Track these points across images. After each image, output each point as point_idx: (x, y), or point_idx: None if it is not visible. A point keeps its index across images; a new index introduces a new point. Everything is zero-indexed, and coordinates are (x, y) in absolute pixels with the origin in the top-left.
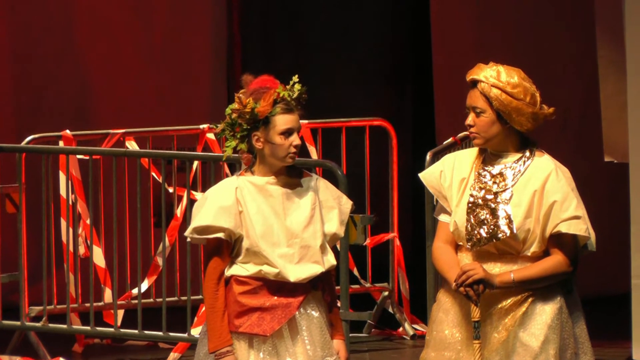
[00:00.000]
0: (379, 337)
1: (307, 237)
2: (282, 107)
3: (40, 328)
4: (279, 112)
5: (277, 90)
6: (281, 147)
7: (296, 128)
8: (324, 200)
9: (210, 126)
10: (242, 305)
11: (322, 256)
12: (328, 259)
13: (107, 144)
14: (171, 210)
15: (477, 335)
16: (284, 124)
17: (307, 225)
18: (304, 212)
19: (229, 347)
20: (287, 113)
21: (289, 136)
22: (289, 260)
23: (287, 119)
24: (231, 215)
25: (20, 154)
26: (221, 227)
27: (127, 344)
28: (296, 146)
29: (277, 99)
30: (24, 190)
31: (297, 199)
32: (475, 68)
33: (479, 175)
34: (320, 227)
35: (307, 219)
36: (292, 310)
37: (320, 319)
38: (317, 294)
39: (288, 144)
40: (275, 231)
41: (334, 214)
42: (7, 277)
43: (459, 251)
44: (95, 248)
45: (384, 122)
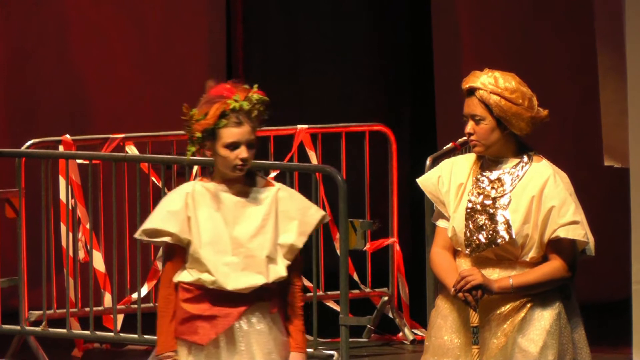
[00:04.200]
0: (378, 342)
1: (253, 247)
2: (230, 120)
3: (39, 333)
4: (226, 124)
5: (228, 102)
6: (226, 159)
7: (244, 141)
8: (283, 211)
9: None
10: (185, 312)
11: (267, 267)
12: (276, 270)
13: (107, 149)
14: None
15: (476, 340)
16: (229, 137)
17: (254, 235)
18: (253, 222)
19: (172, 352)
20: (234, 126)
21: (234, 149)
22: (233, 269)
23: (233, 132)
24: (178, 220)
25: (20, 159)
26: (168, 232)
27: (126, 348)
28: (243, 159)
29: (227, 111)
30: (23, 195)
31: (250, 209)
32: (471, 76)
33: (477, 180)
34: (272, 237)
35: (256, 229)
36: (230, 320)
37: (266, 331)
38: (263, 305)
39: (233, 156)
40: (223, 239)
41: (293, 225)
42: (6, 282)
43: (457, 257)
44: (95, 253)
45: (383, 128)
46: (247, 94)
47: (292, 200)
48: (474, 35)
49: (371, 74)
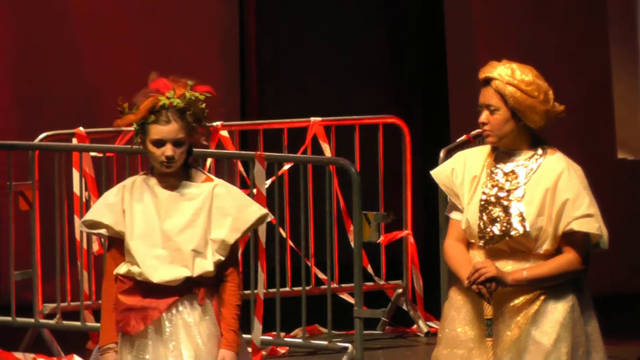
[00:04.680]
0: (392, 335)
1: (180, 240)
2: (159, 117)
3: (53, 325)
4: (154, 120)
5: (160, 98)
6: (153, 155)
7: (170, 139)
8: (219, 207)
9: (223, 124)
10: (121, 304)
11: (193, 261)
12: (203, 264)
13: (121, 142)
14: None
15: (490, 333)
16: (155, 134)
17: (183, 229)
18: (183, 216)
19: (112, 344)
20: (161, 124)
21: (160, 146)
22: (161, 262)
23: (159, 129)
24: (113, 213)
25: (34, 152)
26: (103, 224)
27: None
28: (168, 157)
29: (156, 107)
30: (37, 187)
31: (183, 203)
32: (488, 66)
33: (491, 173)
34: (201, 232)
35: (186, 223)
36: (158, 313)
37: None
38: (193, 297)
39: (159, 153)
40: (154, 232)
41: (227, 222)
42: (20, 275)
43: (470, 249)
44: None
45: (397, 120)
46: (184, 91)
47: (229, 197)
48: (487, 27)
49: (385, 66)
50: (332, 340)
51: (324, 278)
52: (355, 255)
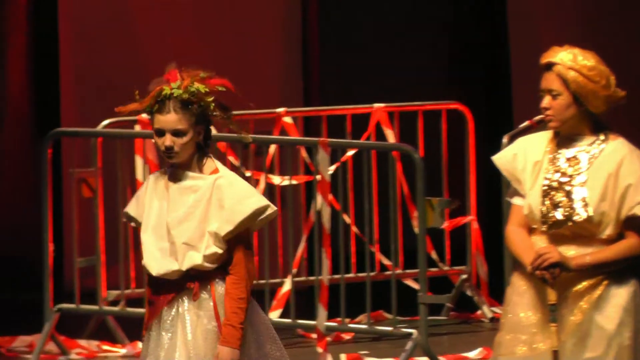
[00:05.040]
0: (457, 320)
1: (176, 233)
2: (161, 107)
3: (117, 312)
4: (156, 110)
5: (164, 88)
6: (156, 145)
7: (169, 129)
8: (218, 199)
9: (287, 110)
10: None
11: (184, 254)
12: (192, 258)
13: None
14: None
15: (554, 318)
16: (156, 123)
17: (181, 221)
18: (182, 209)
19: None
20: (162, 113)
21: (160, 136)
22: (163, 254)
23: (159, 119)
24: (138, 205)
25: (96, 139)
26: (130, 215)
27: None
28: (166, 147)
29: (161, 97)
30: (100, 174)
31: (186, 195)
32: (550, 51)
33: (553, 158)
34: (196, 225)
35: (183, 215)
36: (159, 307)
37: (192, 319)
38: (190, 292)
39: (160, 143)
40: (162, 225)
41: (222, 214)
42: (84, 262)
43: (532, 234)
44: None
45: (460, 106)
46: (189, 83)
47: (230, 189)
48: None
49: (448, 52)
50: (397, 326)
51: (388, 264)
52: (419, 241)
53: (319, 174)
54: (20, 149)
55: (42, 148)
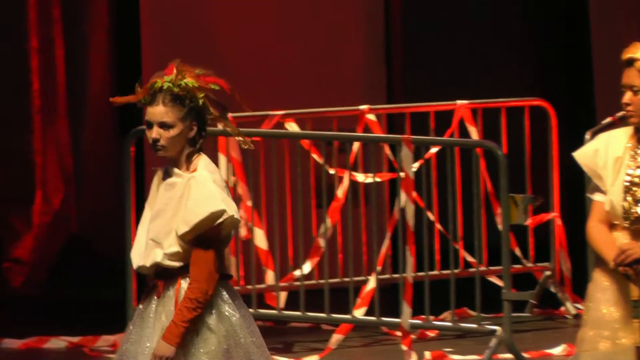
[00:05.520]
0: (540, 317)
1: (150, 229)
2: (151, 99)
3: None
4: (148, 102)
5: (157, 80)
6: (147, 137)
7: (155, 121)
8: (186, 199)
9: (370, 107)
10: None
11: (150, 251)
12: (154, 255)
13: (267, 126)
14: (332, 191)
15: (637, 314)
16: (146, 115)
17: (154, 218)
18: (159, 205)
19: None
20: (151, 105)
21: (149, 128)
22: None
23: (148, 111)
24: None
25: None
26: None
27: (289, 325)
28: (153, 139)
29: (155, 89)
30: None
31: (167, 192)
32: (631, 47)
33: (635, 154)
34: (167, 222)
35: (157, 212)
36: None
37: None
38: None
39: (148, 135)
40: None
41: (184, 213)
42: None
43: (613, 230)
44: (256, 230)
45: (543, 102)
46: (180, 77)
47: (197, 189)
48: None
49: (530, 49)
50: (481, 323)
51: (472, 261)
52: (503, 238)
53: (402, 172)
54: (103, 148)
55: (125, 146)
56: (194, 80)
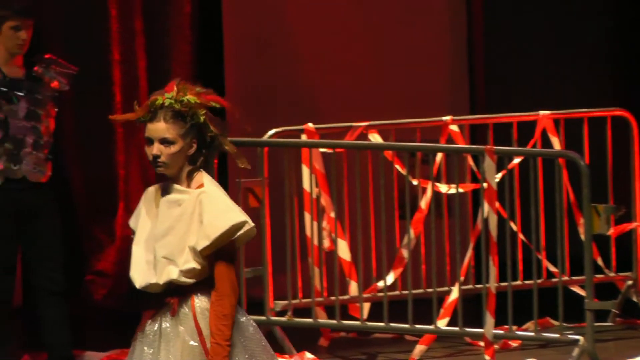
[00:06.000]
0: (623, 326)
1: (158, 247)
2: (152, 116)
3: (285, 322)
4: (148, 119)
5: (157, 97)
6: (147, 154)
7: (156, 137)
8: (199, 214)
9: (453, 118)
10: None
11: (163, 268)
12: (169, 272)
13: (350, 137)
14: (415, 202)
15: None
16: (146, 132)
17: (164, 235)
18: (166, 222)
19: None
20: (151, 122)
21: (149, 145)
22: (149, 267)
23: (149, 127)
24: (135, 217)
25: (262, 148)
26: (131, 228)
27: (373, 336)
28: (153, 155)
29: (155, 106)
30: (266, 184)
31: (171, 209)
32: None
33: None
34: (177, 239)
35: (166, 229)
36: (144, 320)
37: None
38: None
39: (148, 152)
40: (150, 238)
41: (200, 229)
42: (251, 272)
43: None
44: (340, 241)
45: (624, 112)
46: (181, 94)
47: (211, 204)
48: None
49: (612, 58)
50: (564, 333)
51: (555, 271)
52: (585, 247)
53: (485, 182)
54: None
55: (209, 158)
56: (195, 97)
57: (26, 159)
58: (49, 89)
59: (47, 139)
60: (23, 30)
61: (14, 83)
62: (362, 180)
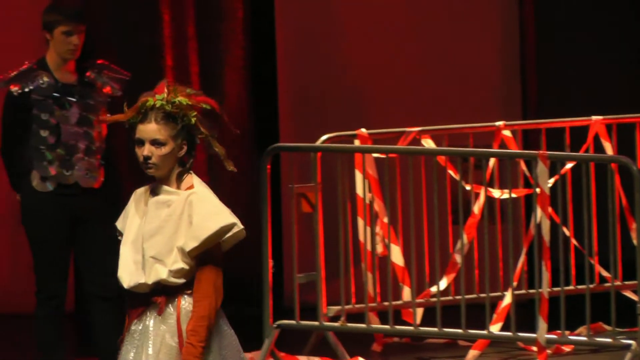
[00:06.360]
0: None
1: (147, 247)
2: (142, 117)
3: (338, 328)
4: (139, 121)
5: (148, 99)
6: (136, 156)
7: (147, 138)
8: (188, 215)
9: (506, 123)
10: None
11: (151, 268)
12: (158, 272)
13: (403, 142)
14: (468, 207)
15: None
16: (137, 133)
17: (152, 235)
18: (154, 222)
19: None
20: (142, 123)
21: (140, 146)
22: (137, 267)
23: (139, 128)
24: (124, 218)
25: (315, 153)
26: (118, 229)
27: (426, 342)
28: (144, 157)
29: (146, 107)
30: (319, 189)
31: (160, 209)
32: None
33: None
34: (166, 240)
35: (154, 230)
36: (130, 320)
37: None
38: (156, 306)
39: (139, 153)
40: (139, 238)
41: (189, 229)
42: (304, 277)
43: None
44: (393, 246)
45: None
46: (172, 95)
47: (200, 205)
48: None
49: None
50: (616, 338)
51: (607, 276)
52: (638, 252)
53: (538, 187)
54: (239, 165)
55: (262, 163)
56: (186, 98)
57: (78, 165)
58: (101, 95)
59: (99, 145)
60: (75, 35)
61: (66, 88)
62: (415, 185)
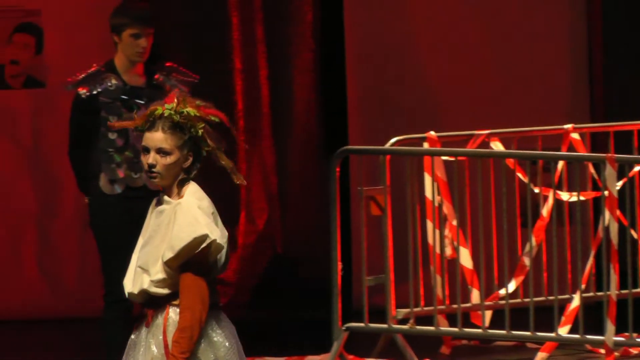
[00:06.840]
0: None
1: (139, 256)
2: (150, 125)
3: (407, 330)
4: (146, 128)
5: (157, 107)
6: (142, 163)
7: (153, 147)
8: (171, 225)
9: (574, 126)
10: None
11: (139, 278)
12: (142, 282)
13: (472, 145)
14: (537, 210)
15: None
16: (143, 141)
17: (144, 245)
18: (148, 232)
19: None
20: (149, 130)
21: (146, 153)
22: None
23: (146, 136)
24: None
25: (384, 156)
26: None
27: (494, 344)
28: (149, 164)
29: (154, 116)
30: (389, 192)
31: (155, 219)
32: None
33: None
34: (154, 249)
35: (147, 239)
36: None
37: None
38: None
39: (144, 161)
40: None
41: (169, 239)
42: (373, 280)
43: None
44: (462, 249)
45: None
46: (181, 106)
47: (182, 215)
48: None
49: None
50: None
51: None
52: None
53: (606, 190)
54: (307, 168)
55: (330, 166)
56: (194, 110)
57: None
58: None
59: None
60: (143, 37)
61: (135, 91)
62: (484, 188)
